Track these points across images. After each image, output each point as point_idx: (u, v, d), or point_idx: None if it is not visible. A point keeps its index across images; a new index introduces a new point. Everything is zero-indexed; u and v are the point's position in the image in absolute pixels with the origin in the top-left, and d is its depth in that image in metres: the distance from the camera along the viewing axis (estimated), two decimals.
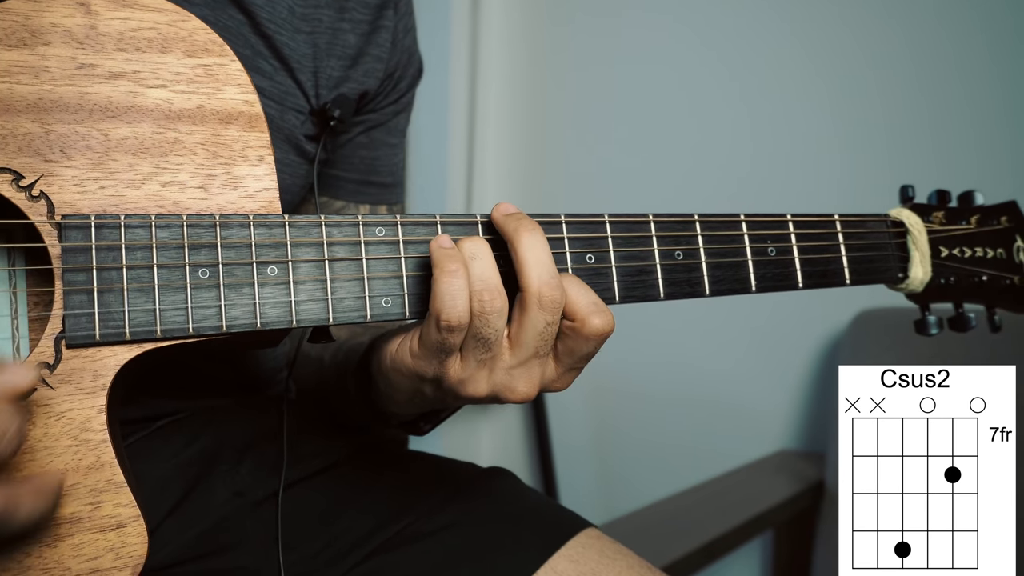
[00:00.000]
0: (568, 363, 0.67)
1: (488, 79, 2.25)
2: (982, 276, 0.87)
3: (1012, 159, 1.66)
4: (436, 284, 0.62)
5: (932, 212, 0.88)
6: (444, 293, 0.61)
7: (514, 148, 2.29)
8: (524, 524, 0.83)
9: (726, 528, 1.45)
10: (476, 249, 0.64)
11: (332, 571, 0.79)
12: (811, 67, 1.87)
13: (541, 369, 0.66)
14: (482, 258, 0.63)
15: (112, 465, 0.59)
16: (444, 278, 0.62)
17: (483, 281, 0.63)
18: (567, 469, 2.25)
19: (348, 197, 0.96)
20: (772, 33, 1.91)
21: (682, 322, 2.04)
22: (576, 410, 2.24)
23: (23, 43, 0.61)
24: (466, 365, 0.64)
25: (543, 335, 0.64)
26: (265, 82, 0.81)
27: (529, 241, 0.64)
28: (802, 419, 1.93)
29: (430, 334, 0.63)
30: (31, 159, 0.60)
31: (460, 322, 0.62)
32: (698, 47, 2.02)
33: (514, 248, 0.64)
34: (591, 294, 0.65)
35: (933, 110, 1.73)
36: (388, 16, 0.91)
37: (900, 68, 1.77)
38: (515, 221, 0.66)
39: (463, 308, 0.62)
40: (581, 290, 0.65)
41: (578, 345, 0.65)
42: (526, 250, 0.64)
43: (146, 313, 0.60)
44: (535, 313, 0.63)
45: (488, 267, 0.63)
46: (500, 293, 0.63)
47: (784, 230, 0.79)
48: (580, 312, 0.64)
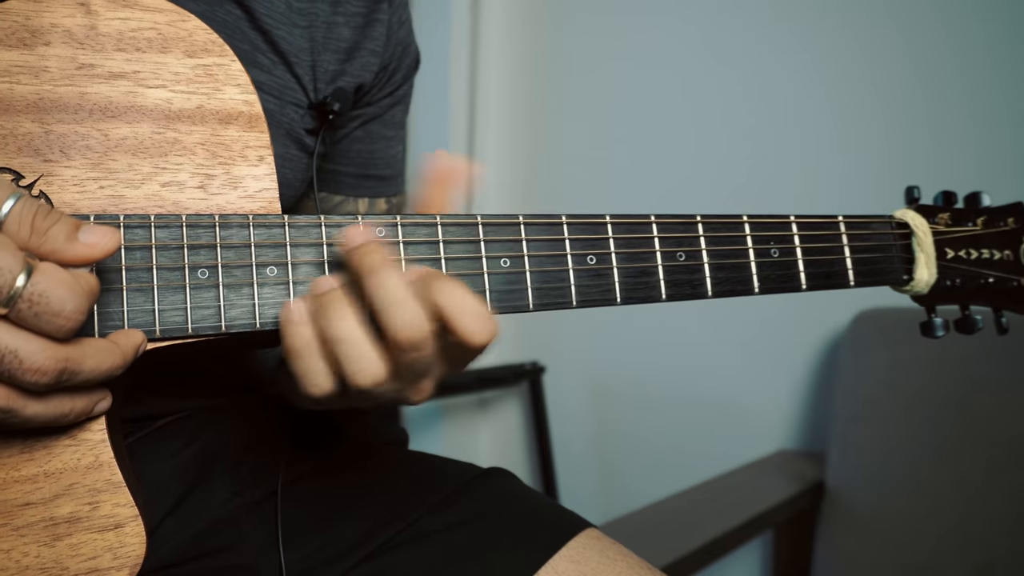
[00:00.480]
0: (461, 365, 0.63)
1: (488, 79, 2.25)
2: (988, 278, 0.86)
3: (1017, 160, 1.66)
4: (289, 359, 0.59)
5: (938, 213, 0.87)
6: (303, 373, 0.59)
7: (514, 148, 2.29)
8: (524, 525, 0.83)
9: (726, 528, 1.45)
10: (344, 333, 0.58)
11: (331, 571, 0.79)
12: (814, 68, 1.87)
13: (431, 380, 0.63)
14: (351, 340, 0.58)
15: (110, 465, 0.59)
16: (293, 360, 0.59)
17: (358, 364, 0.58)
18: (567, 469, 2.25)
19: (347, 191, 0.96)
20: (774, 33, 1.91)
21: (682, 322, 2.04)
22: (576, 410, 2.24)
23: (23, 43, 0.61)
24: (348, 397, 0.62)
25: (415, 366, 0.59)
26: (264, 76, 0.81)
27: (377, 282, 0.58)
28: (802, 419, 1.93)
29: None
30: (31, 159, 0.60)
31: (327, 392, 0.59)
32: (700, 47, 2.02)
33: (363, 289, 0.59)
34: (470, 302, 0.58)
35: (937, 111, 1.73)
36: (383, 9, 0.91)
37: (904, 69, 1.77)
38: (360, 257, 0.60)
39: (325, 380, 0.59)
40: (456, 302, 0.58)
41: (466, 354, 0.61)
42: (374, 292, 0.58)
43: (145, 313, 0.60)
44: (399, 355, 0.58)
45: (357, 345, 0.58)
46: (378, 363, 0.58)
47: (787, 231, 0.78)
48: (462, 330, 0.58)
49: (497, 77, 2.27)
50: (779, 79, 1.91)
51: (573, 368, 2.24)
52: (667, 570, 1.12)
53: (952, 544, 1.52)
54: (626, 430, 2.17)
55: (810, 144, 1.88)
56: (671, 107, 2.06)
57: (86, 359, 0.53)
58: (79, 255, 0.53)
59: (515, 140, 2.29)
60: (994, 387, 1.55)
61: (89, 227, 0.54)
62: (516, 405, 2.33)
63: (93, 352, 0.54)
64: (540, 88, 2.27)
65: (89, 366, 0.54)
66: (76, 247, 0.53)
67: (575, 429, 2.25)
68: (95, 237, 0.54)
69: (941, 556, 1.52)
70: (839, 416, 1.71)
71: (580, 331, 2.21)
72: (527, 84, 2.28)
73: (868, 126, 1.81)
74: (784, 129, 1.91)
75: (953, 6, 1.71)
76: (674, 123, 2.06)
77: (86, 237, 0.53)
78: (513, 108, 2.29)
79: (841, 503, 1.65)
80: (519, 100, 2.29)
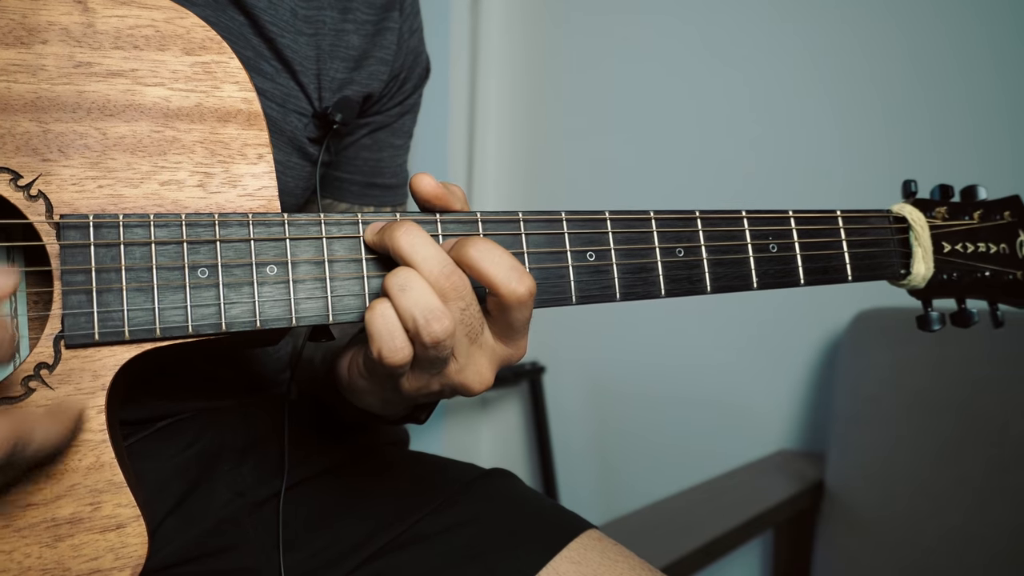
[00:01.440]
0: (513, 336, 0.65)
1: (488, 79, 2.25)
2: (985, 271, 0.86)
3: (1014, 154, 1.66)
4: (368, 326, 0.60)
5: (935, 207, 0.87)
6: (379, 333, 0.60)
7: (514, 148, 2.29)
8: (525, 526, 0.83)
9: (726, 528, 1.44)
10: (405, 281, 0.60)
11: (333, 572, 0.79)
12: (812, 64, 1.87)
13: (485, 356, 0.65)
14: (413, 286, 0.60)
15: (112, 465, 0.59)
16: (375, 320, 0.60)
17: (427, 310, 0.59)
18: (567, 469, 2.25)
19: (352, 199, 0.96)
20: (772, 30, 1.91)
21: (682, 322, 2.04)
22: (576, 410, 2.24)
23: (20, 41, 0.60)
24: (418, 377, 0.63)
25: (463, 321, 0.62)
26: (267, 84, 0.81)
27: (407, 241, 0.61)
28: (802, 419, 1.93)
29: (374, 368, 0.62)
30: (29, 158, 0.60)
31: (404, 359, 0.60)
32: (699, 45, 2.02)
33: (399, 256, 0.61)
34: (506, 258, 0.62)
35: (935, 106, 1.73)
36: (393, 17, 0.90)
37: (901, 65, 1.77)
38: (384, 232, 0.63)
39: (402, 343, 0.60)
40: (494, 258, 0.61)
41: (512, 317, 0.63)
42: (409, 252, 0.61)
43: (145, 313, 0.59)
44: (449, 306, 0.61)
45: (423, 292, 0.60)
46: (446, 314, 0.60)
47: (786, 226, 0.78)
48: (499, 284, 0.61)
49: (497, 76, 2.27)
50: (778, 76, 1.91)
51: (573, 368, 2.24)
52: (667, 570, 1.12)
53: (952, 544, 1.52)
54: (626, 430, 2.17)
55: (808, 140, 1.88)
56: (670, 105, 2.06)
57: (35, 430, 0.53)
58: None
59: (515, 140, 2.29)
60: (995, 387, 1.55)
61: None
62: (516, 405, 2.33)
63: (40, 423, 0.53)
64: (540, 87, 2.27)
65: (39, 437, 0.53)
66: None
67: (575, 429, 2.24)
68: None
69: (941, 556, 1.52)
70: (839, 416, 1.71)
71: (580, 331, 2.21)
72: (527, 83, 2.28)
73: (866, 121, 1.81)
74: (782, 125, 1.91)
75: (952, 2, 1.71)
76: (673, 121, 2.06)
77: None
78: (513, 107, 2.29)
79: (841, 503, 1.65)
80: (519, 99, 2.29)
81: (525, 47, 2.27)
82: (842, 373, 1.74)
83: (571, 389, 2.24)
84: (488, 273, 0.61)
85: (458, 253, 0.62)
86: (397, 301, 0.60)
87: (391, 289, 0.60)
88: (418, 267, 0.60)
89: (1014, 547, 1.46)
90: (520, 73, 2.28)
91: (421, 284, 0.60)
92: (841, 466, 1.68)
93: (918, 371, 1.62)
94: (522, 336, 0.66)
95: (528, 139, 2.28)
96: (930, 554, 1.53)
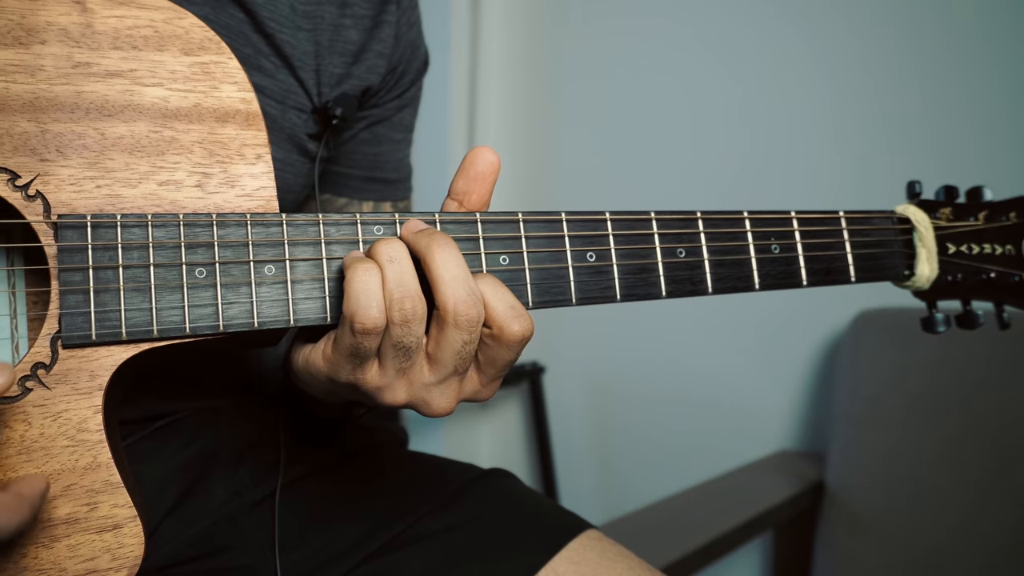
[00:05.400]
0: (491, 374, 0.64)
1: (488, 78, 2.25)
2: (990, 273, 0.86)
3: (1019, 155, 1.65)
4: (348, 284, 0.59)
5: (939, 208, 0.87)
6: (358, 293, 0.58)
7: (514, 148, 2.28)
8: (525, 526, 0.83)
9: (726, 528, 1.44)
10: (393, 252, 0.60)
11: (331, 571, 0.79)
12: (813, 64, 1.87)
13: (460, 385, 0.63)
14: (399, 261, 0.60)
15: (108, 466, 0.58)
16: (357, 276, 0.59)
17: (402, 287, 0.59)
18: (567, 469, 2.25)
19: (351, 194, 0.96)
20: (773, 30, 1.91)
21: (682, 322, 2.04)
22: (576, 410, 2.24)
23: (19, 42, 0.60)
24: (385, 373, 0.61)
25: (461, 353, 0.61)
26: (266, 81, 0.81)
27: (443, 257, 0.60)
28: (802, 419, 1.93)
29: (344, 338, 0.60)
30: (27, 158, 0.60)
31: (375, 326, 0.58)
32: (699, 44, 2.01)
33: (427, 265, 0.60)
34: (508, 296, 0.62)
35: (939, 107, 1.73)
36: (391, 11, 0.90)
37: (904, 65, 1.76)
38: (426, 237, 0.61)
39: (377, 310, 0.58)
40: (498, 294, 0.61)
41: (499, 354, 0.62)
42: (440, 267, 0.60)
43: (142, 313, 0.59)
44: (452, 333, 0.60)
45: (407, 271, 0.60)
46: (420, 299, 0.59)
47: (788, 227, 0.78)
48: (498, 319, 0.61)
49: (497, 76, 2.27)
50: (779, 76, 1.91)
51: (573, 368, 2.24)
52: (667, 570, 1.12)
53: (952, 545, 1.51)
54: (626, 430, 2.17)
55: (811, 140, 1.87)
56: (670, 105, 2.06)
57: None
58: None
59: (515, 139, 2.29)
60: (995, 387, 1.55)
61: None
62: (516, 405, 2.33)
63: (2, 508, 0.52)
64: (540, 87, 2.27)
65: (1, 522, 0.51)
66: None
67: (575, 429, 2.24)
68: None
69: (941, 556, 1.52)
70: (839, 416, 1.71)
71: (580, 331, 2.21)
72: (527, 83, 2.28)
73: (869, 122, 1.81)
74: (783, 126, 1.91)
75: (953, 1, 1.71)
76: (673, 121, 2.06)
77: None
78: (513, 107, 2.29)
79: (841, 503, 1.65)
80: (519, 99, 2.29)
81: (525, 46, 2.27)
82: (842, 373, 1.73)
83: (571, 389, 2.24)
84: (492, 308, 0.61)
85: None
86: (385, 269, 0.59)
87: (380, 257, 0.60)
88: (444, 284, 0.59)
89: (1014, 547, 1.46)
90: (520, 73, 2.28)
91: (408, 263, 0.60)
92: (841, 466, 1.68)
93: (919, 371, 1.62)
94: (498, 379, 0.65)
95: (528, 139, 2.28)
96: (930, 554, 1.53)
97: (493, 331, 0.61)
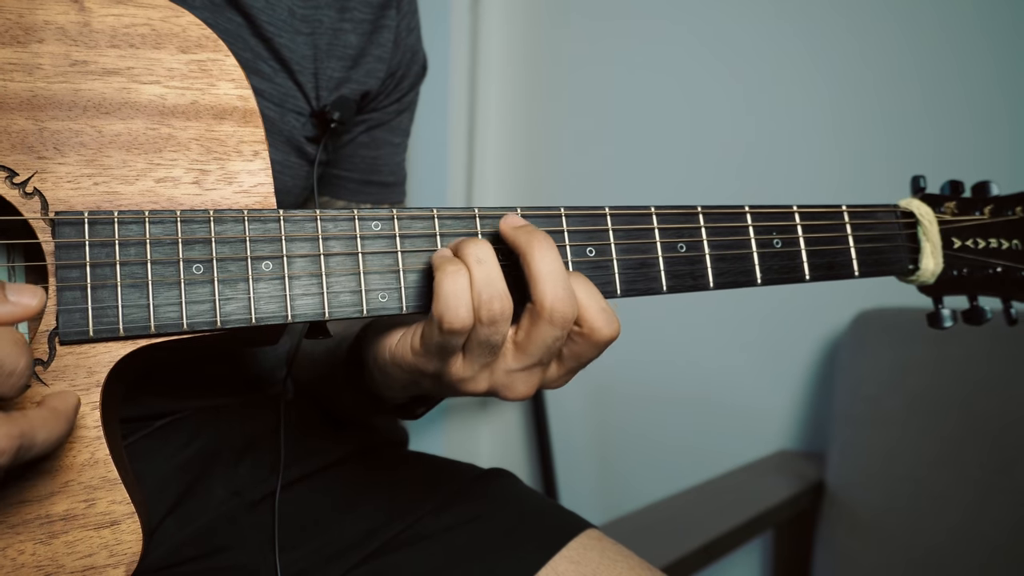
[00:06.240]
0: (571, 365, 0.65)
1: (488, 79, 2.25)
2: (996, 267, 0.84)
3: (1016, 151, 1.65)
4: (438, 286, 0.60)
5: (944, 203, 0.85)
6: (447, 295, 0.59)
7: (514, 147, 2.29)
8: (525, 525, 0.83)
9: (726, 528, 1.44)
10: (481, 253, 0.61)
11: (331, 571, 0.79)
12: (814, 59, 1.87)
13: (543, 373, 0.65)
14: (487, 262, 0.61)
15: (107, 462, 0.59)
16: (446, 279, 0.60)
17: (490, 287, 0.60)
18: (567, 469, 2.25)
19: (349, 197, 0.96)
20: (773, 25, 1.91)
21: (682, 322, 2.04)
22: (576, 410, 2.24)
23: (16, 40, 0.61)
24: (469, 366, 0.63)
25: (551, 348, 0.62)
26: (265, 84, 0.81)
27: (541, 254, 0.61)
28: (802, 419, 1.93)
29: (432, 335, 0.61)
30: (25, 156, 0.60)
31: (464, 326, 0.60)
32: (698, 41, 2.02)
33: (527, 261, 0.62)
34: (599, 298, 0.63)
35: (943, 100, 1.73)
36: (390, 16, 0.91)
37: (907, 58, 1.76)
38: (526, 234, 0.63)
39: (466, 311, 0.60)
40: (590, 294, 0.63)
41: (584, 351, 0.64)
42: (539, 263, 0.61)
43: (140, 309, 0.59)
44: (545, 328, 0.61)
45: (494, 272, 0.61)
46: (508, 299, 0.60)
47: (790, 221, 0.77)
48: (589, 320, 0.62)
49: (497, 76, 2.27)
50: (778, 73, 1.91)
51: None
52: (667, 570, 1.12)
53: (952, 545, 1.51)
54: (626, 430, 2.17)
55: (813, 134, 1.87)
56: (671, 102, 2.06)
57: (37, 431, 0.52)
58: (10, 314, 0.52)
59: (515, 139, 2.29)
60: (995, 387, 1.55)
61: (15, 287, 0.53)
62: (516, 405, 2.32)
63: (41, 423, 0.53)
64: (539, 86, 2.27)
65: (42, 437, 0.52)
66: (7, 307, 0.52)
67: (575, 429, 2.24)
68: (25, 297, 0.53)
69: (941, 556, 1.52)
70: (839, 416, 1.71)
71: None
72: (527, 83, 2.28)
73: (873, 116, 1.81)
74: (787, 120, 1.90)
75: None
76: (675, 118, 2.06)
77: (15, 297, 0.53)
78: (513, 107, 2.29)
79: (841, 503, 1.65)
80: (519, 99, 2.29)
81: (525, 47, 2.27)
82: (842, 373, 1.73)
83: (571, 389, 2.24)
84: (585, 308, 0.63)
85: None
86: (473, 270, 0.60)
87: (468, 258, 0.61)
88: (543, 282, 0.61)
89: (1014, 547, 1.46)
90: (520, 73, 2.28)
91: (496, 263, 0.61)
92: (841, 466, 1.67)
93: (919, 371, 1.62)
94: (576, 372, 0.67)
95: (528, 139, 2.28)
96: (930, 554, 1.53)
97: (583, 330, 0.63)
